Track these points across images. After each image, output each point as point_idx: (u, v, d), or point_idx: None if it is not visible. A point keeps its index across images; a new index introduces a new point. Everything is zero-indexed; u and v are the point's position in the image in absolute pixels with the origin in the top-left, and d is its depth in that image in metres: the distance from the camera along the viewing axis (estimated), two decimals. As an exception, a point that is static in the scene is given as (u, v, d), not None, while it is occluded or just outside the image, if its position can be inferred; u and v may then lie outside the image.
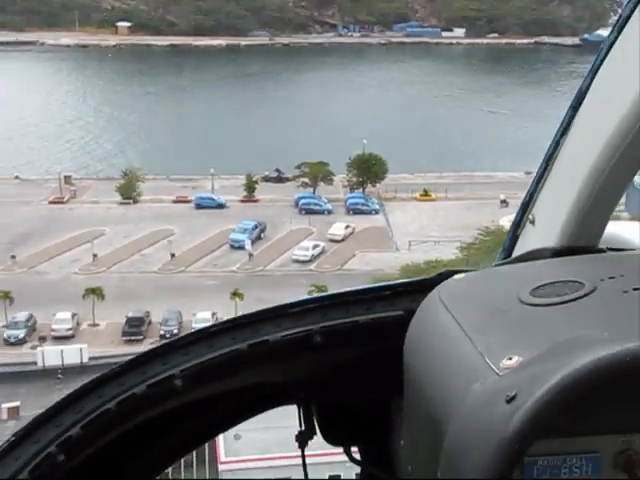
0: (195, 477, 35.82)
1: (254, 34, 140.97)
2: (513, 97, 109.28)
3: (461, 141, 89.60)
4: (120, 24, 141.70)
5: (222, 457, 34.29)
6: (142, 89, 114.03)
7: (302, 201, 73.68)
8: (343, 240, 66.88)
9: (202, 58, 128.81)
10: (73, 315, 54.43)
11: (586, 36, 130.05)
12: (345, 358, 1.84)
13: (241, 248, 64.59)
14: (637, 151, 1.66)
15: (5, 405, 36.88)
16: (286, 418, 2.32)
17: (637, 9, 1.56)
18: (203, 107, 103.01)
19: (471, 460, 1.25)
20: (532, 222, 1.96)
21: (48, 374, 39.11)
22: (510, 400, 1.23)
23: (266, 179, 78.49)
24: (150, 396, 1.70)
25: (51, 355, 40.20)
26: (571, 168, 1.79)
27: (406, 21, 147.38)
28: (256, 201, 75.36)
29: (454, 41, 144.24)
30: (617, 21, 1.64)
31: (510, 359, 1.34)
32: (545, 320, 1.46)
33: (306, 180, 75.66)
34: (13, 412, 35.94)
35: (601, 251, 1.85)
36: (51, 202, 75.78)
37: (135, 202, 74.90)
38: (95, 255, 64.48)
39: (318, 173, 75.49)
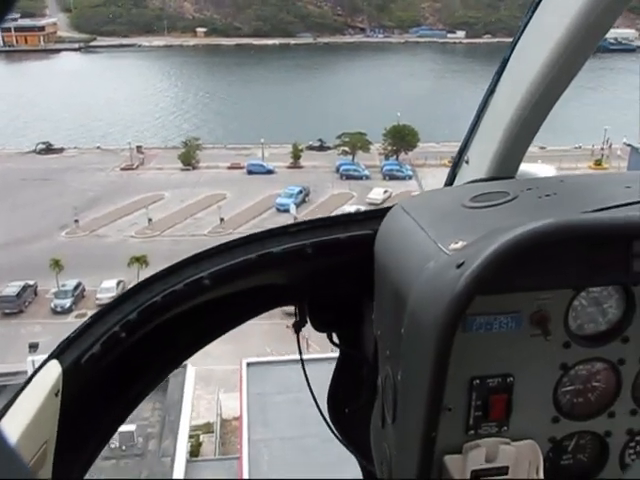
0: None
1: (301, 35, 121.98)
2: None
3: (470, 111, 70.01)
4: (198, 29, 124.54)
5: None
6: (214, 76, 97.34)
7: (342, 167, 55.42)
8: (382, 204, 48.07)
9: (260, 54, 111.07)
10: (118, 283, 36.96)
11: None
12: (329, 265, 1.67)
13: (286, 211, 46.45)
14: (542, 110, 1.57)
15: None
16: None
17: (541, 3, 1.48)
18: (261, 89, 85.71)
19: (429, 315, 1.18)
20: (467, 162, 1.78)
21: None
22: (459, 266, 1.16)
23: (310, 148, 60.51)
24: (186, 292, 1.57)
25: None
26: (494, 121, 1.66)
27: (419, 25, 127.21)
28: (301, 167, 57.20)
29: (457, 41, 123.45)
30: (530, 5, 1.50)
31: (456, 243, 1.28)
32: (482, 217, 1.40)
33: (346, 149, 57.54)
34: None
35: None
36: (122, 169, 58.10)
37: (194, 168, 56.97)
38: (150, 219, 46.35)
39: (357, 142, 57.25)
